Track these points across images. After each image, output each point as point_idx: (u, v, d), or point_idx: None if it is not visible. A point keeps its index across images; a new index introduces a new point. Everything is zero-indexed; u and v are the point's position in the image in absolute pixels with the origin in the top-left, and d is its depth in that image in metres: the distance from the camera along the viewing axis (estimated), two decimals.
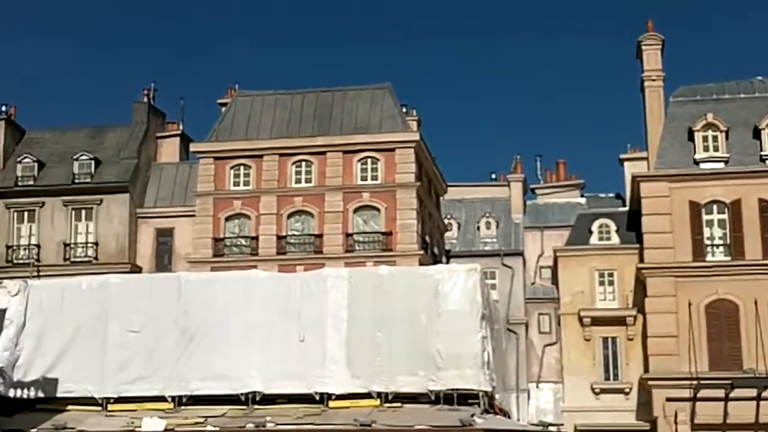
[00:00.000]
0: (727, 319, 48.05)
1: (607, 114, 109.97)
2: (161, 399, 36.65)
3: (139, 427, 34.99)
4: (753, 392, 45.71)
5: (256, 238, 49.66)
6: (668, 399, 47.12)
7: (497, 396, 37.76)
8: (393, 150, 49.80)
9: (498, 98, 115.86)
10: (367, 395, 35.52)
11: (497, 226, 58.21)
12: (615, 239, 54.05)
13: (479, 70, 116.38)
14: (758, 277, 47.93)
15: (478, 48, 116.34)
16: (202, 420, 35.07)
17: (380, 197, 49.39)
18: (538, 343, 54.94)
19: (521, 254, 56.76)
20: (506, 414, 40.31)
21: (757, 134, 50.37)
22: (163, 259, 51.93)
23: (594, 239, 54.39)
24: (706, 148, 50.61)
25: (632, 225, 52.83)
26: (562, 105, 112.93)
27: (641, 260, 50.50)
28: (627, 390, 51.69)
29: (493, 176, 63.56)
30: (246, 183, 50.72)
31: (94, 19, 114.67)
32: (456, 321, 35.26)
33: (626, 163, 57.59)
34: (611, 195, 60.26)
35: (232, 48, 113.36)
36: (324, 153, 50.23)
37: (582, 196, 61.23)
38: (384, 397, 35.35)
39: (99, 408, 37.02)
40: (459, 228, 59.52)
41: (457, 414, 33.80)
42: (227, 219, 50.35)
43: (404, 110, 52.69)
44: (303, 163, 50.48)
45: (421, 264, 46.12)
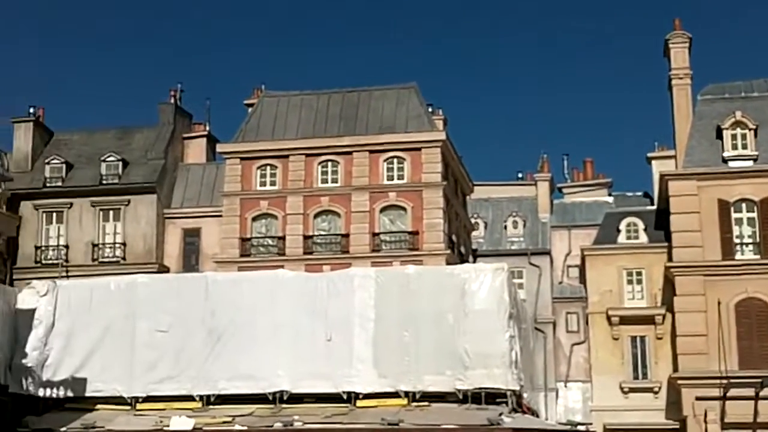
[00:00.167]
0: (757, 317, 47.68)
1: (635, 112, 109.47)
2: (189, 398, 36.82)
3: (168, 426, 35.15)
4: None
5: (283, 238, 49.74)
6: (698, 398, 46.80)
7: (525, 395, 37.66)
8: (419, 149, 49.74)
9: (525, 97, 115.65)
10: (395, 394, 35.53)
11: (524, 226, 58.07)
12: (643, 238, 53.78)
13: (506, 68, 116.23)
14: None
15: (505, 46, 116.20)
16: (229, 419, 35.19)
17: (407, 197, 49.34)
18: (566, 343, 54.78)
19: (548, 253, 56.60)
20: (534, 413, 40.21)
21: None
22: (191, 260, 52.08)
23: (622, 238, 54.15)
24: (734, 146, 50.26)
25: (660, 224, 52.55)
26: (590, 103, 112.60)
27: (670, 259, 50.21)
28: (656, 389, 51.43)
29: (519, 175, 63.52)
30: (272, 183, 50.81)
31: (121, 22, 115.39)
32: (483, 320, 35.21)
33: (654, 162, 57.28)
34: (639, 194, 59.96)
35: (258, 49, 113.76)
36: (350, 153, 50.25)
37: (609, 194, 60.99)
38: (411, 397, 35.34)
39: (128, 407, 37.23)
40: (486, 227, 59.41)
41: (484, 413, 33.74)
42: (254, 219, 50.45)
43: (430, 110, 52.62)
44: (329, 163, 50.52)
45: (447, 263, 46.03)
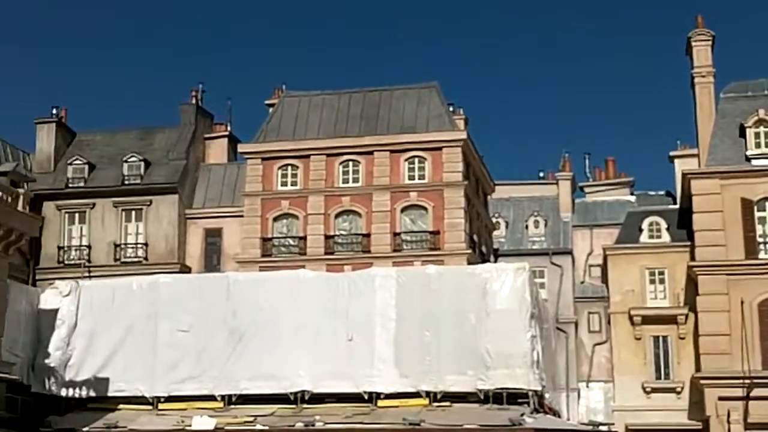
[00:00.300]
0: None
1: (657, 111, 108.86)
2: (211, 398, 36.97)
3: (190, 425, 35.33)
4: None
5: (304, 238, 49.76)
6: (720, 398, 46.50)
7: (547, 395, 37.62)
8: (440, 149, 49.65)
9: (546, 96, 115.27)
10: (416, 394, 35.56)
11: (546, 225, 57.91)
12: (665, 237, 53.50)
13: (527, 67, 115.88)
14: None
15: (527, 45, 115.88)
16: (251, 419, 35.31)
17: (428, 196, 49.27)
18: (588, 342, 54.57)
19: (570, 253, 56.41)
20: (556, 413, 40.15)
21: None
22: (212, 260, 52.17)
23: (644, 237, 53.89)
24: (757, 145, 49.92)
25: (683, 223, 52.25)
26: (611, 102, 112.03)
27: (692, 258, 49.92)
28: (678, 389, 51.13)
29: (541, 174, 63.31)
30: (294, 183, 50.84)
31: (142, 22, 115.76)
32: (505, 320, 35.22)
33: (676, 160, 57.00)
34: (661, 192, 59.68)
35: (279, 48, 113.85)
36: (371, 153, 50.22)
37: (631, 193, 60.73)
38: (433, 397, 35.37)
39: (150, 407, 37.42)
40: (507, 227, 59.27)
41: (506, 413, 33.74)
42: (275, 219, 50.50)
43: (451, 109, 52.51)
44: (350, 163, 50.51)
45: (469, 263, 45.93)
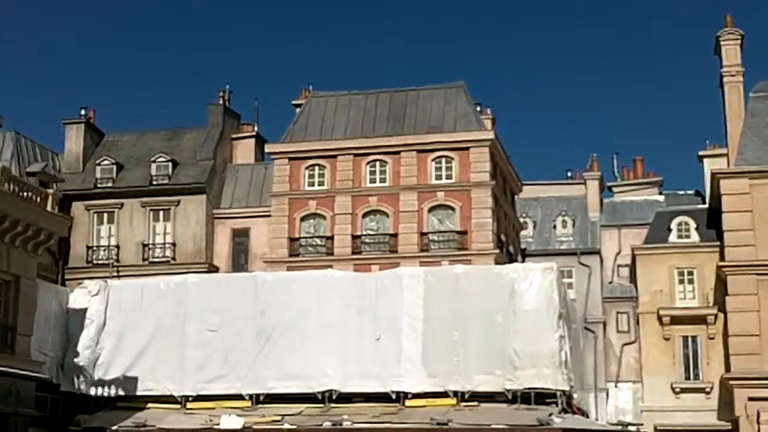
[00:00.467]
0: None
1: (686, 110, 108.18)
2: (239, 397, 37.07)
3: (218, 424, 35.41)
4: None
5: (332, 238, 49.78)
6: (750, 398, 46.24)
7: (575, 395, 37.47)
8: (467, 149, 49.53)
9: (574, 96, 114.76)
10: (444, 394, 35.51)
11: (573, 225, 57.72)
12: (695, 237, 53.21)
13: (554, 67, 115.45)
14: None
15: (554, 45, 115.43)
16: (279, 418, 35.37)
17: (455, 196, 49.16)
18: (617, 342, 54.37)
19: (598, 253, 56.19)
20: (584, 413, 39.99)
21: None
22: (240, 259, 52.27)
23: (673, 237, 53.63)
24: None
25: (712, 222, 51.96)
26: (640, 101, 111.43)
27: (722, 258, 49.66)
28: (708, 389, 50.86)
29: (569, 174, 63.10)
30: (321, 183, 50.88)
31: (169, 24, 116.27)
32: (533, 320, 35.13)
33: (705, 160, 56.69)
34: (690, 192, 59.36)
35: (305, 49, 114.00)
36: (398, 153, 50.16)
37: (660, 193, 60.43)
38: (460, 396, 35.30)
39: (178, 406, 37.55)
40: (534, 227, 59.11)
41: (534, 413, 33.65)
42: (302, 219, 50.55)
43: (478, 109, 52.37)
44: (377, 163, 50.48)
45: (496, 263, 45.82)
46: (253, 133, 57.27)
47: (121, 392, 38.12)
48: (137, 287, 40.11)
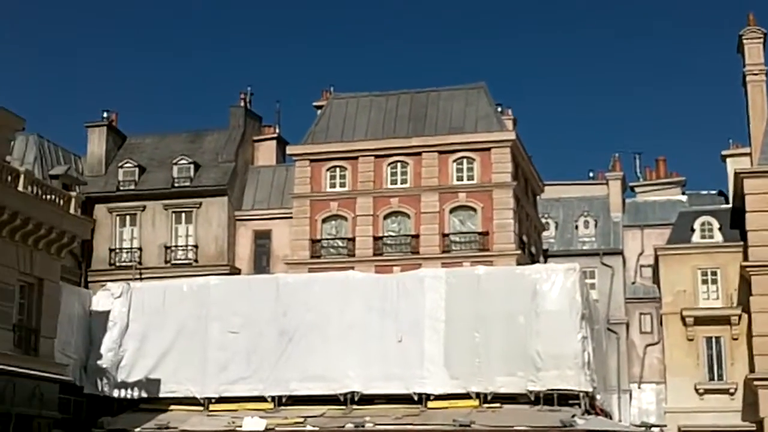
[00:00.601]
0: None
1: (708, 109, 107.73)
2: (261, 399, 37.11)
3: (240, 426, 35.47)
4: None
5: (353, 240, 49.79)
6: None
7: (598, 397, 37.32)
8: (489, 149, 49.42)
9: (596, 96, 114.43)
10: (466, 396, 35.45)
11: (596, 225, 57.50)
12: (718, 237, 52.94)
13: (576, 67, 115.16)
14: None
15: (575, 45, 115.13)
16: (301, 420, 35.39)
17: (476, 197, 49.06)
18: (640, 343, 54.16)
19: (621, 253, 55.98)
20: (608, 415, 39.82)
21: None
22: (261, 261, 52.37)
23: (696, 237, 53.37)
24: None
25: (736, 222, 51.69)
26: (662, 101, 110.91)
27: (745, 258, 49.39)
28: (732, 390, 50.57)
29: (591, 174, 62.93)
30: (342, 185, 50.89)
31: (191, 27, 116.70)
32: (555, 321, 35.02)
33: (728, 159, 56.40)
34: (713, 192, 59.09)
35: (326, 50, 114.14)
36: (419, 154, 50.11)
37: (683, 193, 60.19)
38: (483, 398, 35.22)
39: (201, 408, 37.63)
40: (556, 227, 58.93)
41: (557, 415, 33.54)
42: (324, 220, 50.57)
43: (499, 109, 52.29)
44: (398, 164, 50.44)
45: (518, 264, 45.68)
46: (275, 135, 57.35)
47: (144, 394, 38.24)
48: (160, 289, 40.25)
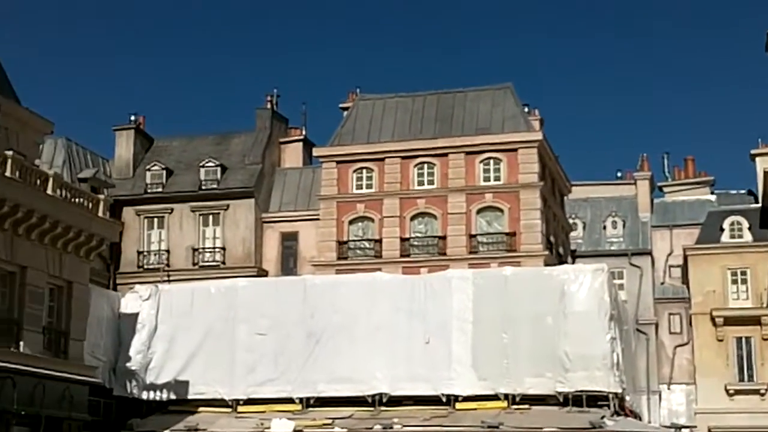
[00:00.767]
0: None
1: (737, 108, 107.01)
2: (289, 401, 37.15)
3: (269, 428, 35.49)
4: None
5: (380, 241, 49.77)
6: None
7: (627, 398, 37.12)
8: (515, 150, 49.28)
9: (623, 95, 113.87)
10: (494, 397, 35.34)
11: (624, 225, 57.24)
12: (747, 237, 52.60)
13: (604, 66, 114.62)
14: None
15: (602, 44, 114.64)
16: (329, 422, 35.38)
17: (503, 198, 48.92)
18: (669, 344, 53.88)
19: (649, 253, 55.70)
20: (637, 416, 39.62)
21: None
22: (289, 263, 52.42)
23: (725, 237, 53.05)
24: None
25: (765, 222, 51.41)
26: (690, 100, 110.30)
27: None
28: (762, 391, 50.27)
29: (618, 174, 62.61)
30: (369, 186, 50.87)
31: (217, 29, 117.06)
32: (583, 322, 34.86)
33: (758, 158, 55.98)
34: (743, 191, 58.66)
35: (352, 52, 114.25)
36: (446, 155, 50.02)
37: (712, 193, 59.78)
38: (511, 399, 35.10)
39: (229, 409, 37.71)
40: (584, 228, 58.69)
41: (586, 416, 33.38)
42: (351, 222, 50.59)
43: (526, 110, 52.11)
44: (425, 165, 50.38)
45: (546, 265, 45.48)
46: (301, 137, 57.41)
47: (173, 396, 38.37)
48: (188, 291, 40.39)
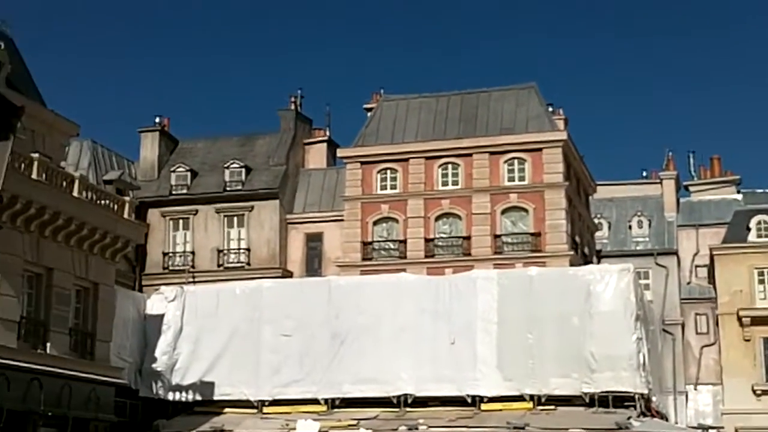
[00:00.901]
0: None
1: (763, 106, 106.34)
2: (314, 401, 37.16)
3: (294, 429, 35.49)
4: None
5: (404, 242, 49.70)
6: None
7: (654, 398, 36.93)
8: (540, 150, 49.09)
9: (648, 94, 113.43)
10: (520, 398, 35.23)
11: (650, 225, 56.97)
12: None
13: (627, 64, 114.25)
14: None
15: (627, 42, 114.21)
16: (354, 422, 35.37)
17: (528, 198, 48.76)
18: (696, 344, 53.57)
19: (675, 253, 55.41)
20: (664, 417, 39.40)
21: None
22: (313, 264, 52.45)
23: (752, 236, 52.71)
24: None
25: None
26: (715, 99, 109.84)
27: None
28: None
29: (644, 174, 62.36)
30: (393, 187, 50.82)
31: (241, 30, 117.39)
32: (609, 322, 34.70)
33: None
34: None
35: (376, 53, 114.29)
36: (470, 155, 49.90)
37: (738, 192, 59.38)
38: (537, 400, 34.97)
39: (254, 410, 37.77)
40: (609, 227, 58.45)
41: (612, 417, 33.22)
42: (375, 223, 50.56)
43: (550, 109, 51.94)
44: (449, 166, 50.28)
45: (571, 265, 45.31)
46: (325, 138, 57.45)
47: (199, 397, 38.47)
48: (213, 293, 40.49)
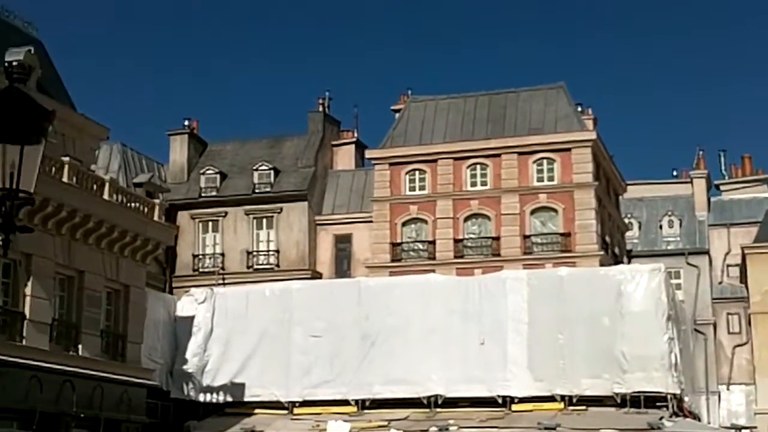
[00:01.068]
0: None
1: None
2: (345, 402, 37.17)
3: (325, 430, 35.50)
4: None
5: (433, 242, 49.64)
6: None
7: (686, 398, 36.70)
8: (569, 150, 48.90)
9: (678, 93, 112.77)
10: (551, 398, 35.10)
11: (680, 225, 56.62)
12: None
13: (657, 64, 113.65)
14: None
15: (656, 43, 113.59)
16: (385, 423, 35.34)
17: (557, 198, 48.57)
18: (728, 344, 53.17)
19: (707, 253, 55.03)
20: (696, 417, 39.13)
21: None
22: (342, 265, 52.50)
23: None
24: None
25: None
26: (746, 98, 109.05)
27: None
28: None
29: (674, 173, 62.03)
30: (422, 188, 50.78)
31: (269, 33, 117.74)
32: (640, 322, 34.52)
33: None
34: None
35: (403, 54, 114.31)
36: (499, 155, 49.76)
37: None
38: (568, 401, 34.82)
39: (285, 411, 37.84)
40: (640, 227, 58.15)
41: (644, 417, 33.04)
42: (404, 224, 50.53)
43: (579, 109, 51.71)
44: (478, 166, 50.17)
45: (601, 265, 45.09)
46: (353, 139, 57.48)
47: (229, 398, 38.58)
48: (243, 294, 40.60)
